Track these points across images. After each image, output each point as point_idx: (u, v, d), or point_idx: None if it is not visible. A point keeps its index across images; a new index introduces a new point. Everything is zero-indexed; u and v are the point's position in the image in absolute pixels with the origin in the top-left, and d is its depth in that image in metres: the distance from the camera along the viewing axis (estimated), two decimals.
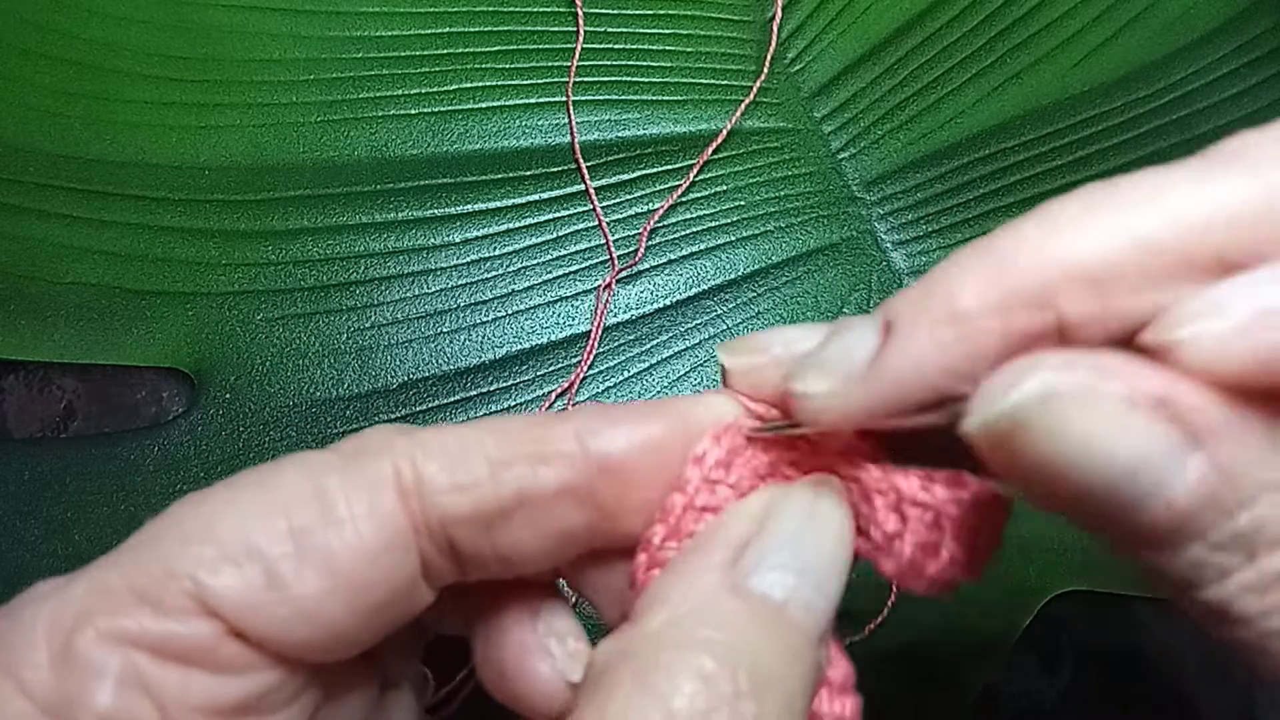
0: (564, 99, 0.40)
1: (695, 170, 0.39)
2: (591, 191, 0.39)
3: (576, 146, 0.39)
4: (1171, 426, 0.14)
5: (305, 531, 0.17)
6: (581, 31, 0.41)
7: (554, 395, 0.36)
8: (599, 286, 0.38)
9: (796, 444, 0.19)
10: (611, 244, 0.38)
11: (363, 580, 0.17)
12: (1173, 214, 0.14)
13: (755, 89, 0.41)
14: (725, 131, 0.40)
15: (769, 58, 0.41)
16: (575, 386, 0.37)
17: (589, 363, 0.37)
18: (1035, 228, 0.15)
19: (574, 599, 0.24)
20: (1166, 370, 0.14)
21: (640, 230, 0.38)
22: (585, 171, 0.39)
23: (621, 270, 0.38)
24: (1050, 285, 0.15)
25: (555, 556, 0.19)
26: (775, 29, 0.42)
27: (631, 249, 0.38)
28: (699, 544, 0.18)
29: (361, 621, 0.17)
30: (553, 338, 0.37)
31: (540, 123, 0.40)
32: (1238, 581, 0.14)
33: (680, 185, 0.39)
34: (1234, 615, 0.14)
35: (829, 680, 0.18)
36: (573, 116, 0.40)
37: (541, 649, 0.19)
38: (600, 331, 0.37)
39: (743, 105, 0.40)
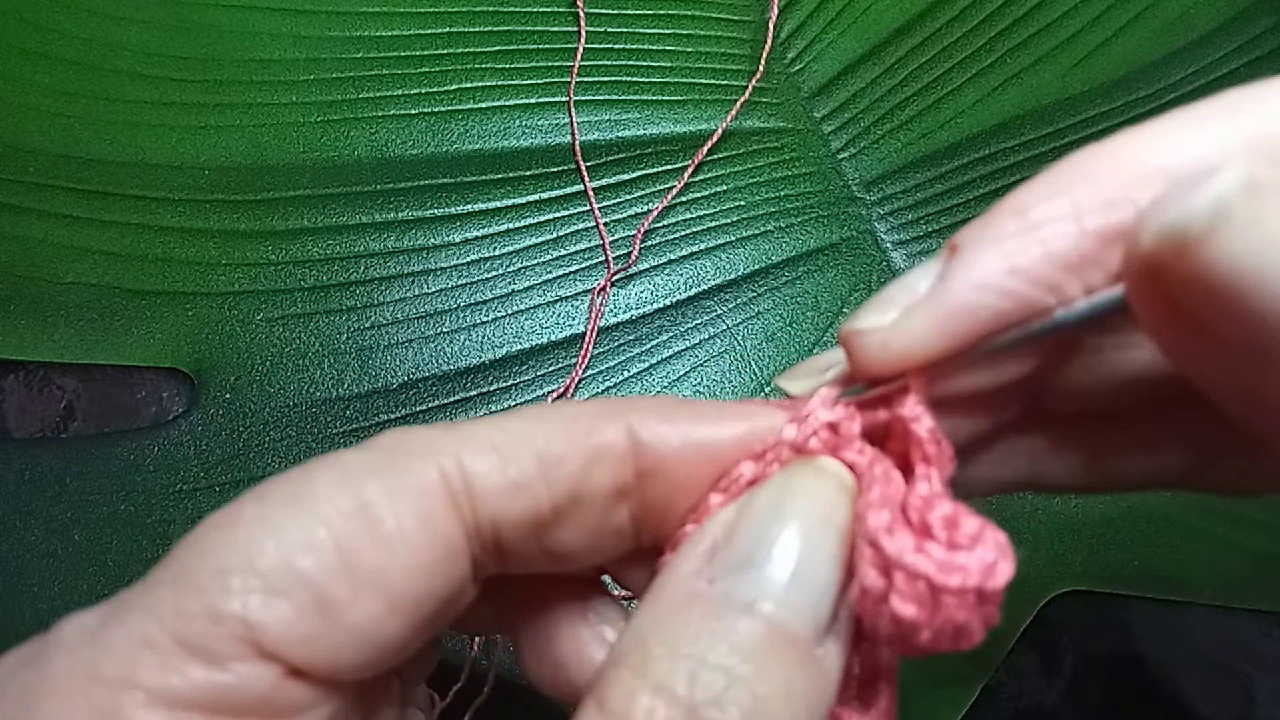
0: (564, 99, 0.40)
1: (689, 172, 0.39)
2: (590, 193, 0.39)
3: (577, 147, 0.40)
4: None
5: (353, 550, 0.15)
6: (583, 32, 0.41)
7: (551, 398, 0.36)
8: (594, 290, 0.38)
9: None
10: (608, 246, 0.38)
11: (418, 594, 0.16)
12: (1247, 116, 0.14)
13: (750, 88, 0.41)
14: (719, 133, 0.40)
15: (764, 56, 0.41)
16: (571, 390, 0.37)
17: (584, 366, 0.37)
18: (1105, 145, 0.14)
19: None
20: None
21: (635, 232, 0.38)
22: (585, 173, 0.39)
23: (616, 273, 0.38)
24: (1129, 183, 0.14)
25: (604, 553, 0.18)
26: (771, 28, 0.41)
27: (629, 250, 0.38)
28: (681, 548, 0.17)
29: (416, 633, 0.16)
30: (553, 338, 0.37)
31: (540, 123, 0.40)
32: None
33: (674, 187, 0.39)
34: None
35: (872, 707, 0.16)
36: (573, 117, 0.40)
37: (598, 639, 0.19)
38: (595, 334, 0.37)
39: (737, 105, 0.40)
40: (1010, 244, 0.14)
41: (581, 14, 0.41)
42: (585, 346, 0.37)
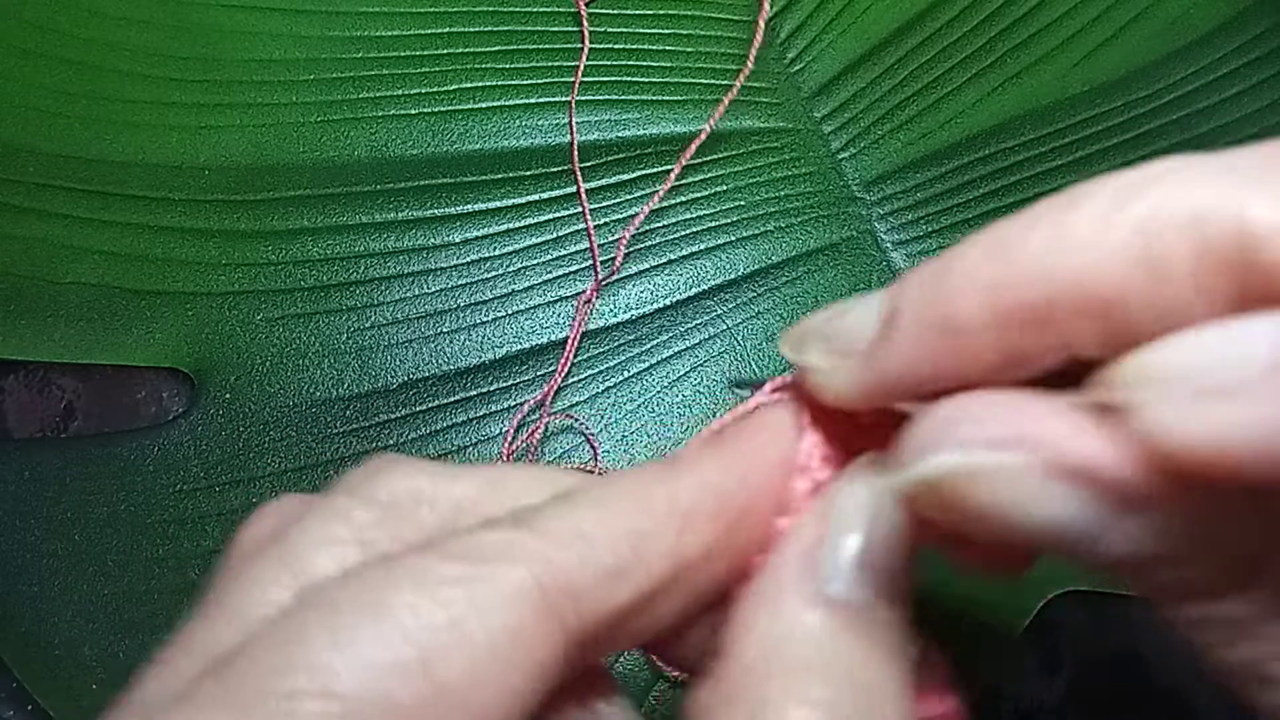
0: (563, 99, 0.40)
1: (674, 175, 0.39)
2: (584, 199, 0.39)
3: (575, 149, 0.39)
4: (1094, 495, 0.13)
5: (442, 669, 0.13)
6: (587, 32, 0.41)
7: (526, 408, 0.36)
8: (580, 298, 0.37)
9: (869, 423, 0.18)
10: (599, 251, 0.38)
11: (509, 709, 0.14)
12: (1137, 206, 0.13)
13: (738, 85, 0.41)
14: (705, 133, 0.39)
15: (753, 53, 0.41)
16: (550, 398, 0.36)
17: (564, 374, 0.36)
18: (1046, 236, 0.14)
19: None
20: (1105, 431, 0.13)
21: (619, 238, 0.38)
22: (580, 176, 0.39)
23: (604, 280, 0.38)
24: (1051, 305, 0.13)
25: (686, 618, 0.17)
26: (763, 21, 0.41)
27: (625, 249, 0.38)
28: (775, 561, 0.16)
29: None
30: (553, 338, 0.37)
31: (540, 123, 0.40)
32: (1184, 615, 0.14)
33: (660, 190, 0.39)
34: (1187, 636, 0.14)
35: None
36: (574, 119, 0.40)
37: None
38: (578, 342, 0.37)
39: (725, 101, 0.40)
40: (935, 342, 0.15)
41: (583, 13, 0.41)
42: (566, 356, 0.36)
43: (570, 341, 0.37)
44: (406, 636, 0.14)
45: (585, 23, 0.41)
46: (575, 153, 0.39)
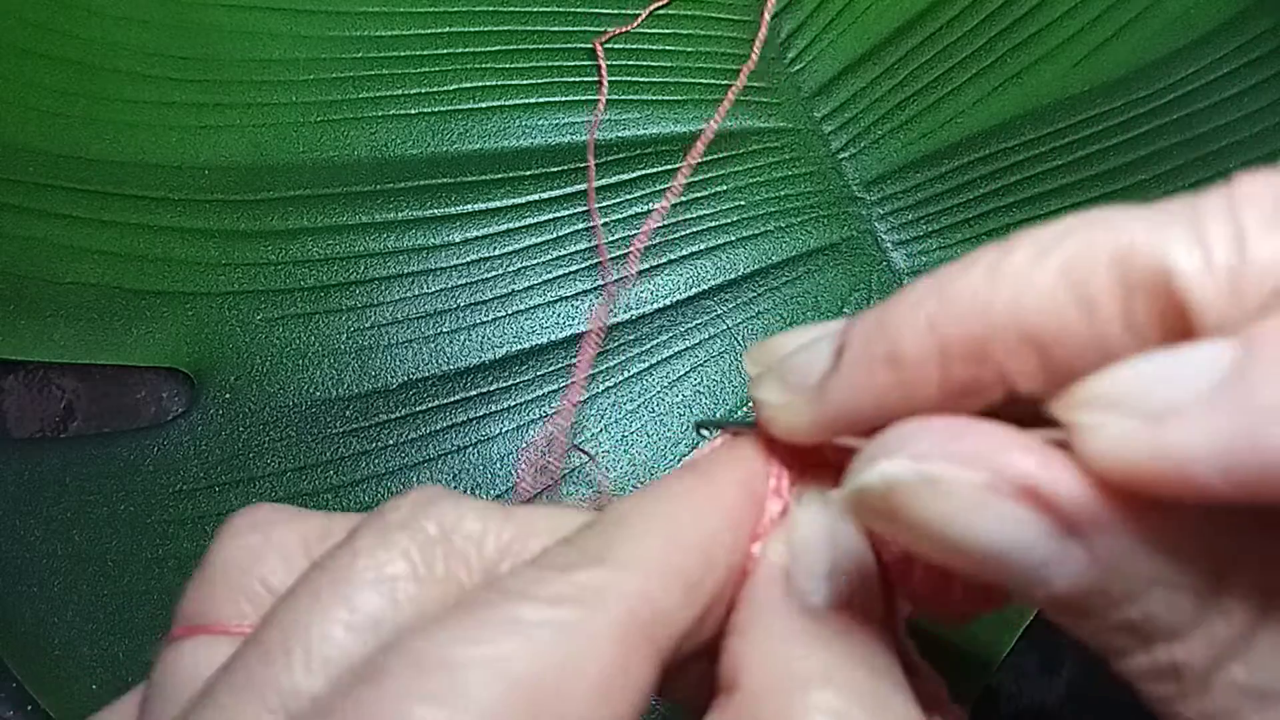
0: (563, 98, 0.40)
1: (683, 176, 0.39)
2: (593, 201, 0.39)
3: (592, 151, 0.39)
4: (1041, 517, 0.13)
5: (552, 710, 0.14)
6: (604, 67, 0.41)
7: (539, 439, 0.36)
8: (597, 304, 0.37)
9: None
10: (605, 250, 0.38)
11: None
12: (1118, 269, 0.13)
13: (742, 81, 0.41)
14: (711, 132, 0.39)
15: (758, 44, 0.41)
16: (576, 400, 0.36)
17: (578, 399, 0.37)
18: (982, 274, 0.14)
19: None
20: (1052, 453, 0.13)
21: (631, 246, 0.38)
22: (588, 177, 0.39)
23: (618, 281, 0.38)
24: (988, 340, 0.14)
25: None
26: (767, 17, 0.41)
27: (625, 249, 0.38)
28: (753, 588, 0.17)
29: None
30: (553, 338, 0.37)
31: (540, 123, 0.40)
32: (1137, 665, 0.14)
33: (673, 188, 0.39)
34: (1140, 690, 0.14)
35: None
36: (578, 118, 0.40)
37: None
38: (601, 338, 0.37)
39: (729, 98, 0.40)
40: (880, 374, 0.15)
41: (600, 51, 0.41)
42: (587, 355, 0.37)
43: (586, 340, 0.37)
44: (515, 686, 0.13)
45: (602, 58, 0.41)
46: (592, 149, 0.39)
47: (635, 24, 0.41)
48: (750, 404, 0.19)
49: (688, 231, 0.39)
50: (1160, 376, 0.12)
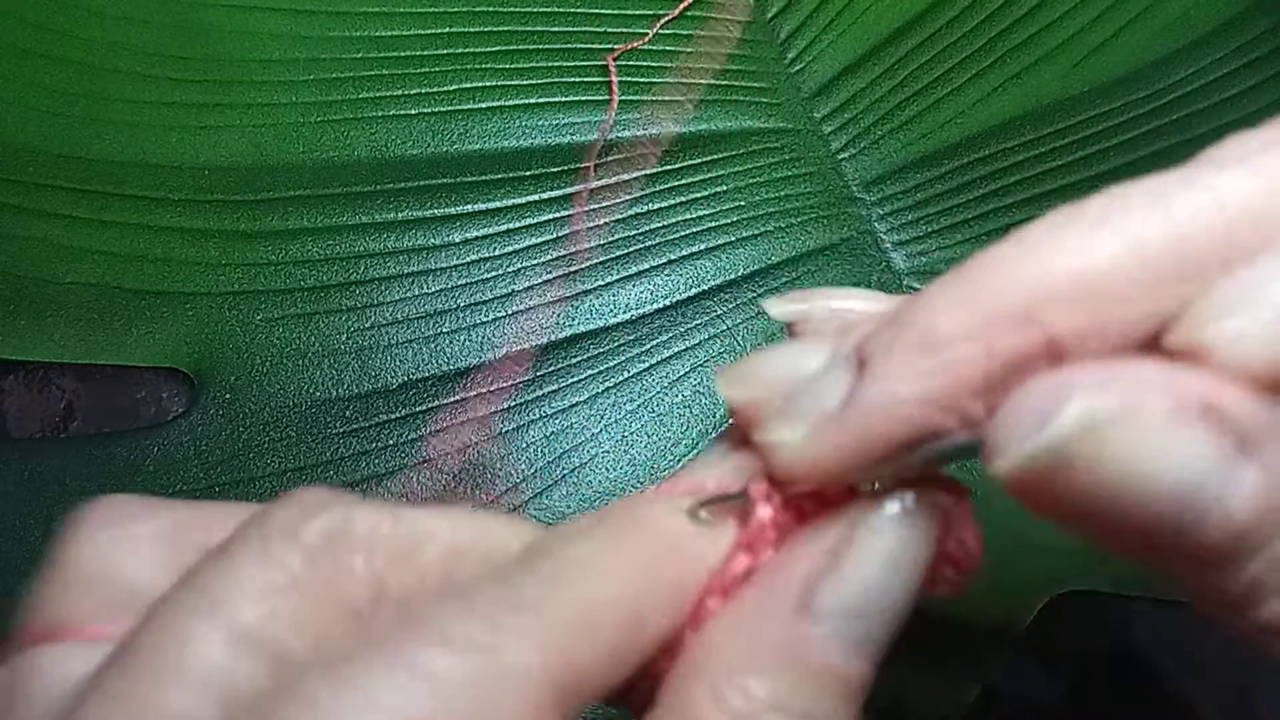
0: (563, 99, 0.40)
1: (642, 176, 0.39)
2: (584, 201, 0.39)
3: (597, 146, 0.39)
4: (1222, 435, 0.13)
5: None
6: (615, 83, 0.41)
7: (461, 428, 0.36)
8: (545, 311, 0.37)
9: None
10: (580, 256, 0.38)
11: None
12: (1168, 215, 0.14)
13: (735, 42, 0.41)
14: (676, 133, 0.39)
15: (743, 26, 0.41)
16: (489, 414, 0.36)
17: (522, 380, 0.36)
18: (1013, 246, 0.14)
19: None
20: (1203, 373, 0.13)
21: (578, 247, 0.38)
22: (581, 179, 0.39)
23: (564, 274, 0.37)
24: (1035, 300, 0.14)
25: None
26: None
27: (625, 249, 0.38)
28: (756, 591, 0.16)
29: None
30: (553, 338, 0.37)
31: (540, 123, 0.40)
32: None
33: (660, 188, 0.39)
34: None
35: None
36: (580, 118, 0.40)
37: None
38: (540, 353, 0.37)
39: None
40: (919, 362, 0.14)
41: (613, 67, 0.41)
42: (526, 363, 0.36)
43: (527, 349, 0.37)
44: None
45: (614, 73, 0.41)
46: (595, 154, 0.40)
47: (644, 40, 0.41)
48: (730, 416, 0.18)
49: (688, 231, 0.39)
50: None
